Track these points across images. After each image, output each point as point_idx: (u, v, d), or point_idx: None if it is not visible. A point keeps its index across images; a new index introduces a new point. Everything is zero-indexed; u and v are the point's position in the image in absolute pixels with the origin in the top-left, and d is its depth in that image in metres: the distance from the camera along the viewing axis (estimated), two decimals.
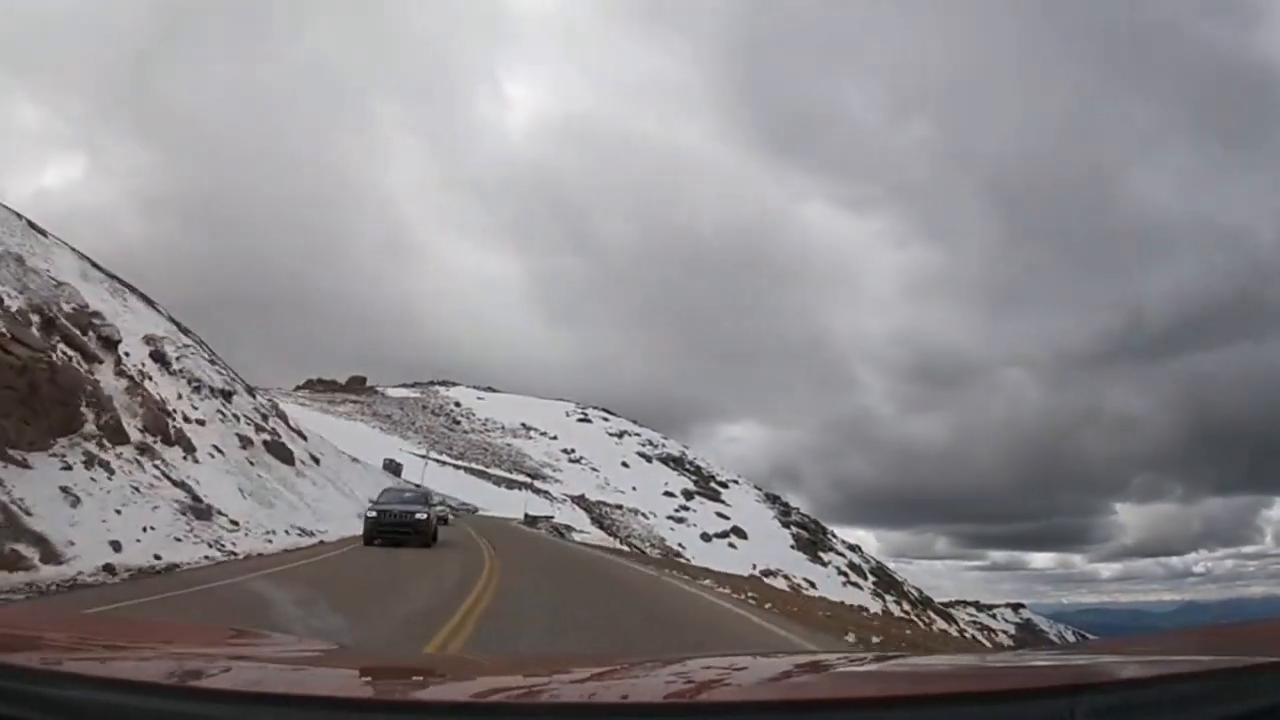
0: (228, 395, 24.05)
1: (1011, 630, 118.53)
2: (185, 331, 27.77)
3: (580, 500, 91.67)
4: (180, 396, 21.05)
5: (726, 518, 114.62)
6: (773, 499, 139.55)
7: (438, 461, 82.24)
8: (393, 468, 59.31)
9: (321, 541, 18.47)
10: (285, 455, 24.03)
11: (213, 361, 27.16)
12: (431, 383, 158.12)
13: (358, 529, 21.10)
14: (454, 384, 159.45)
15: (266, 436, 23.90)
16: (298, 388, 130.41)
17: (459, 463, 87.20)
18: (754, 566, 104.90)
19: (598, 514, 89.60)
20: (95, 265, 25.46)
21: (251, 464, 20.39)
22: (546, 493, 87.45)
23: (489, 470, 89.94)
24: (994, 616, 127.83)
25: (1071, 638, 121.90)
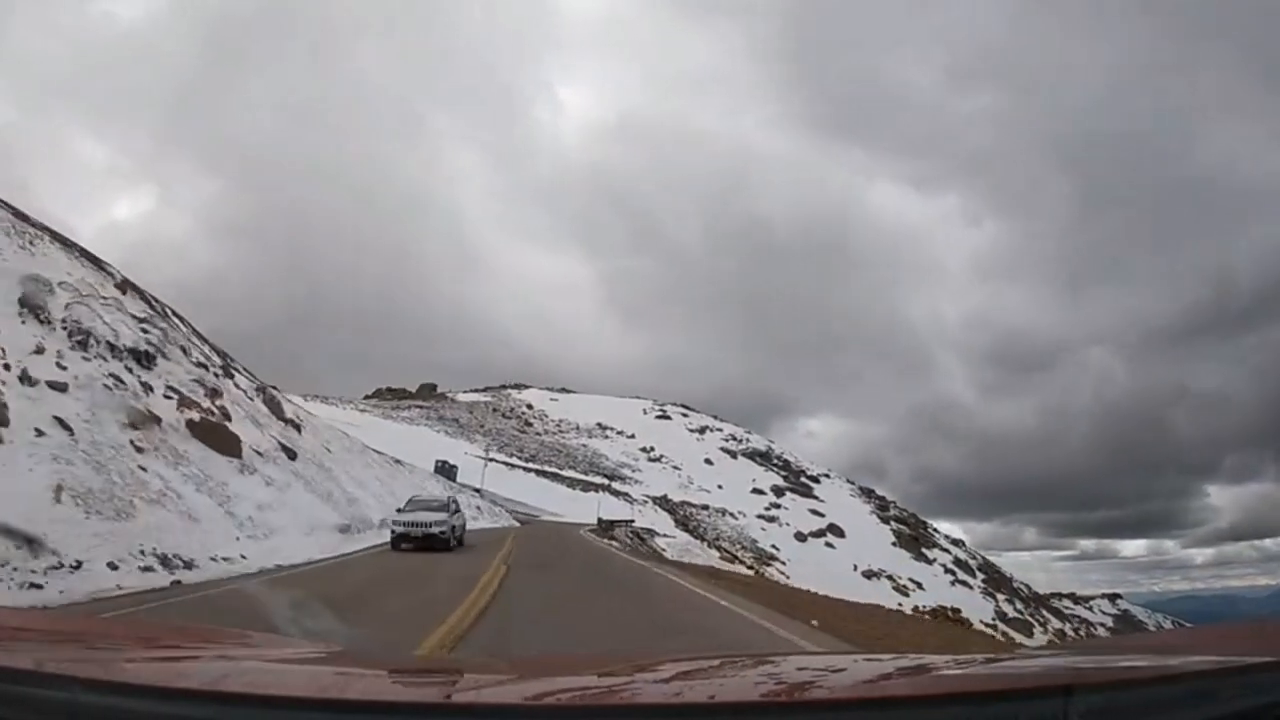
0: (147, 359, 17.53)
1: (1109, 623, 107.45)
2: (129, 289, 21.44)
3: (662, 501, 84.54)
4: (40, 350, 14.56)
5: (821, 514, 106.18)
6: (867, 493, 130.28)
7: (504, 464, 76.04)
8: (446, 470, 52.92)
9: (173, 584, 10.63)
10: (225, 443, 17.33)
11: (164, 329, 20.72)
12: (503, 386, 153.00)
13: (315, 549, 15.03)
14: (526, 386, 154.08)
15: (195, 415, 17.18)
16: (366, 397, 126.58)
17: (529, 465, 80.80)
18: (855, 568, 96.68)
19: (682, 516, 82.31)
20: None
21: (118, 448, 13.42)
22: (626, 495, 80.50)
23: (562, 472, 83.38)
24: (1090, 609, 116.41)
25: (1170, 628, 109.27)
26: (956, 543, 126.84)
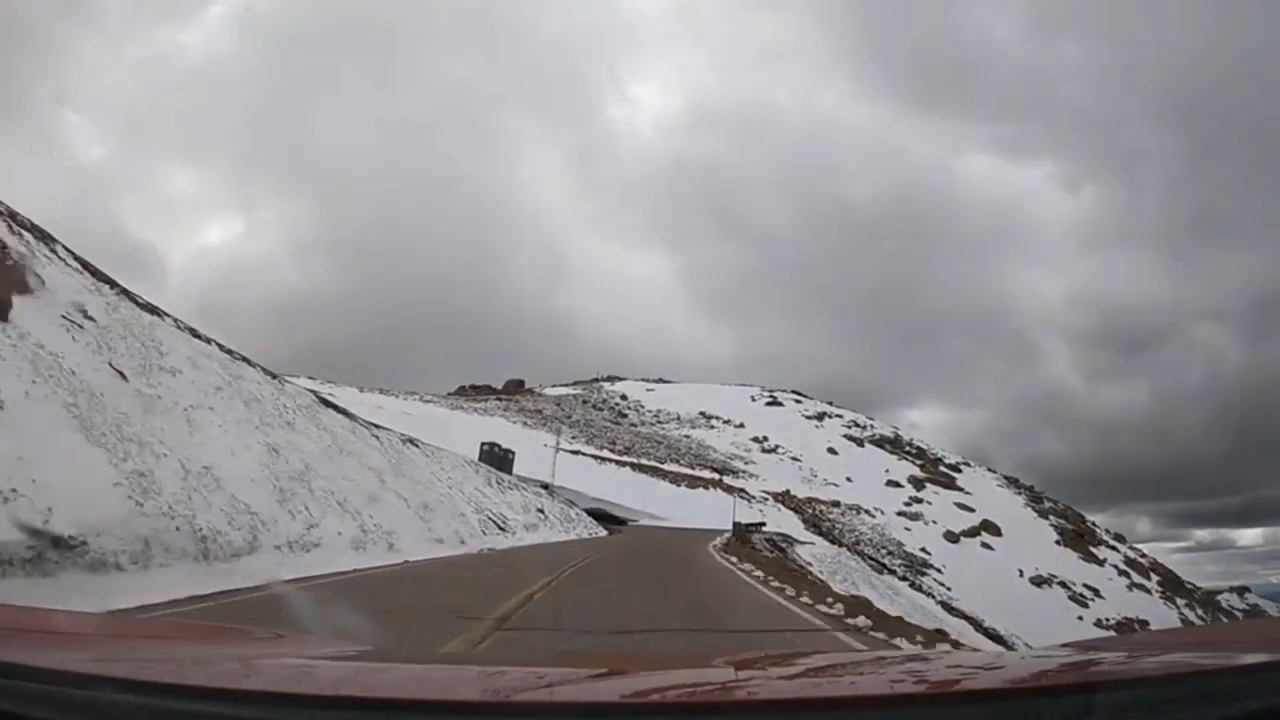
0: None
1: (1239, 618, 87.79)
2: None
3: (785, 498, 70.53)
4: None
5: (969, 509, 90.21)
6: (1013, 482, 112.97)
7: (592, 457, 63.17)
8: (495, 458, 39.51)
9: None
10: None
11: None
12: (595, 380, 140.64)
13: None
14: (620, 379, 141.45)
15: None
16: (450, 394, 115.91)
17: (624, 459, 67.65)
18: (1020, 574, 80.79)
19: (811, 515, 68.10)
20: None
21: None
22: (741, 491, 66.63)
23: (663, 466, 70.00)
24: (1217, 602, 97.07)
25: None
26: (1118, 538, 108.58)
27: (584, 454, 63.98)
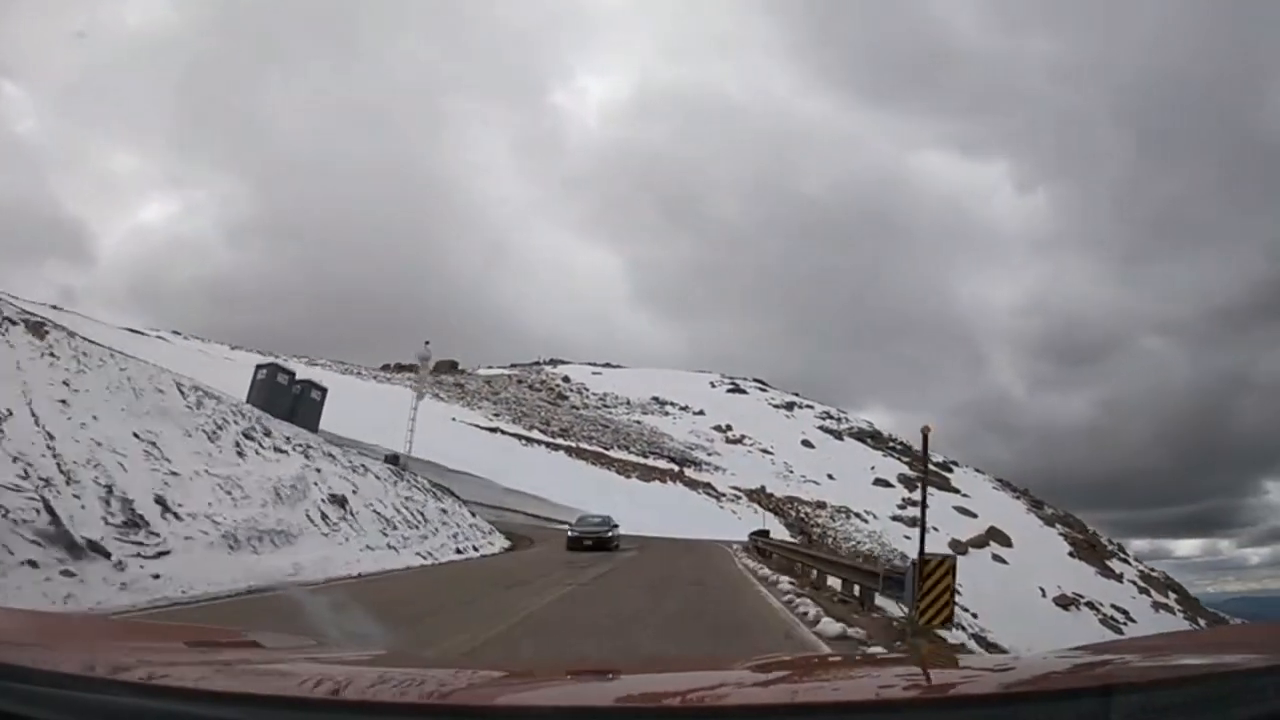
0: None
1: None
2: None
3: (761, 497, 55.95)
4: None
5: (971, 514, 76.73)
6: (1008, 485, 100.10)
7: (517, 437, 47.84)
8: (277, 394, 21.20)
9: None
10: None
11: None
12: (537, 362, 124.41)
13: None
14: (565, 362, 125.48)
15: None
16: (371, 368, 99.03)
17: (556, 440, 52.07)
18: (1043, 593, 67.78)
19: (796, 518, 53.61)
20: None
21: None
22: (707, 486, 51.95)
23: (610, 453, 54.76)
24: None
25: None
26: (1120, 548, 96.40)
27: (505, 432, 48.43)
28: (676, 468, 56.84)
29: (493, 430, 47.71)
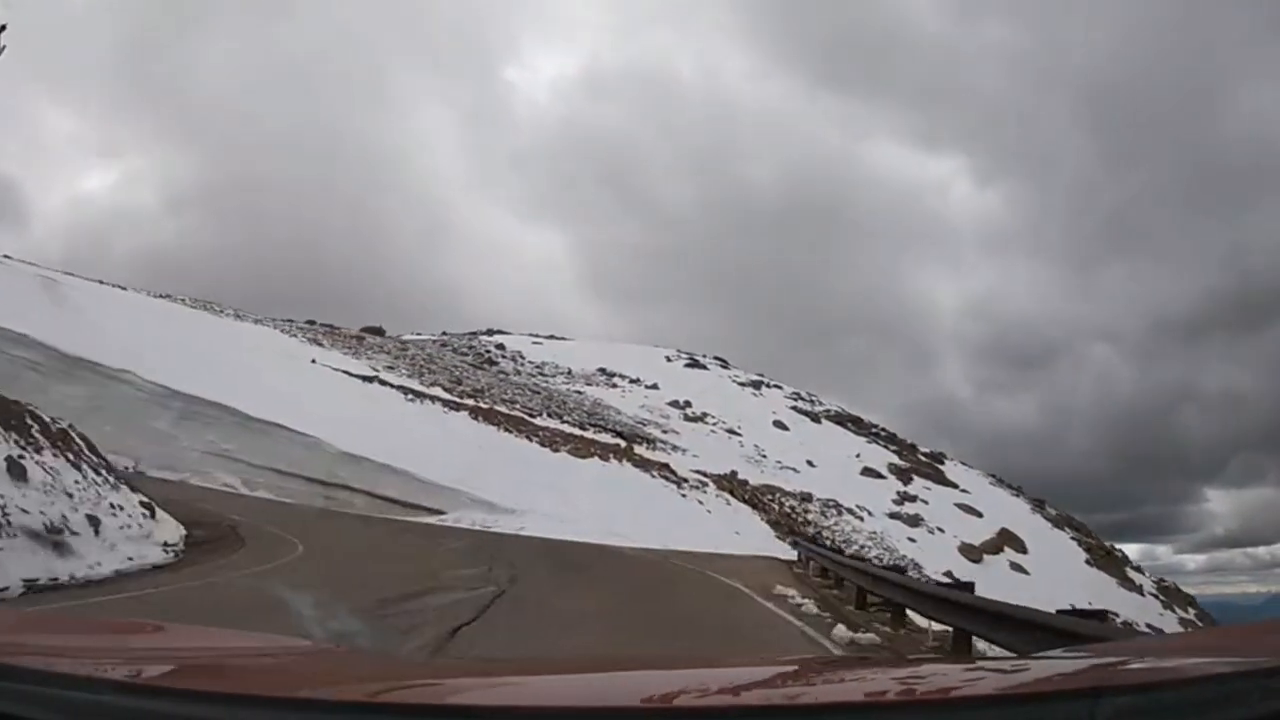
0: None
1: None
2: None
3: (732, 485, 42.92)
4: None
5: (975, 512, 64.56)
6: (1000, 480, 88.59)
7: (398, 388, 34.63)
8: None
9: None
10: None
11: None
12: (473, 333, 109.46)
13: None
14: (503, 333, 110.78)
15: None
16: (293, 321, 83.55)
17: (463, 400, 38.18)
18: (1072, 608, 56.34)
19: (779, 513, 40.69)
20: None
21: None
22: (664, 469, 38.74)
23: (534, 419, 41.32)
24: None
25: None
26: (1124, 557, 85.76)
27: (388, 384, 34.48)
28: (622, 443, 43.36)
29: (368, 379, 33.48)
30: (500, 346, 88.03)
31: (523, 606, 10.04)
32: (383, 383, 34.90)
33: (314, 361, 34.35)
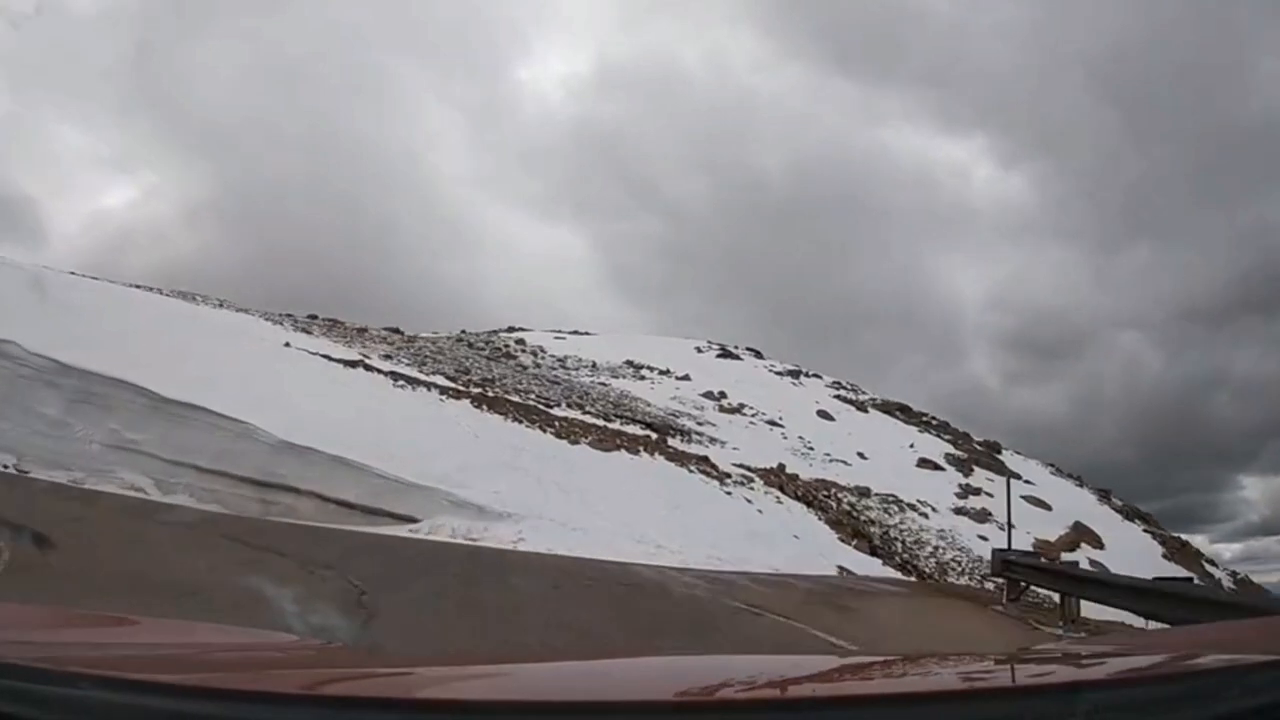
0: None
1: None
2: None
3: (781, 477, 37.68)
4: None
5: (1044, 504, 58.75)
6: (1059, 470, 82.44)
7: (388, 374, 29.11)
8: None
9: None
10: None
11: None
12: (494, 331, 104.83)
13: None
14: (524, 329, 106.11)
15: None
16: (291, 315, 79.33)
17: (468, 389, 33.15)
18: None
19: (838, 510, 35.45)
20: None
21: None
22: (702, 461, 33.05)
23: (550, 409, 36.10)
24: None
25: None
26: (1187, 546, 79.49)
27: (376, 370, 29.49)
28: (654, 435, 37.98)
29: (351, 364, 28.34)
30: (520, 342, 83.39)
31: None
32: (368, 368, 29.67)
33: (287, 345, 29.04)
